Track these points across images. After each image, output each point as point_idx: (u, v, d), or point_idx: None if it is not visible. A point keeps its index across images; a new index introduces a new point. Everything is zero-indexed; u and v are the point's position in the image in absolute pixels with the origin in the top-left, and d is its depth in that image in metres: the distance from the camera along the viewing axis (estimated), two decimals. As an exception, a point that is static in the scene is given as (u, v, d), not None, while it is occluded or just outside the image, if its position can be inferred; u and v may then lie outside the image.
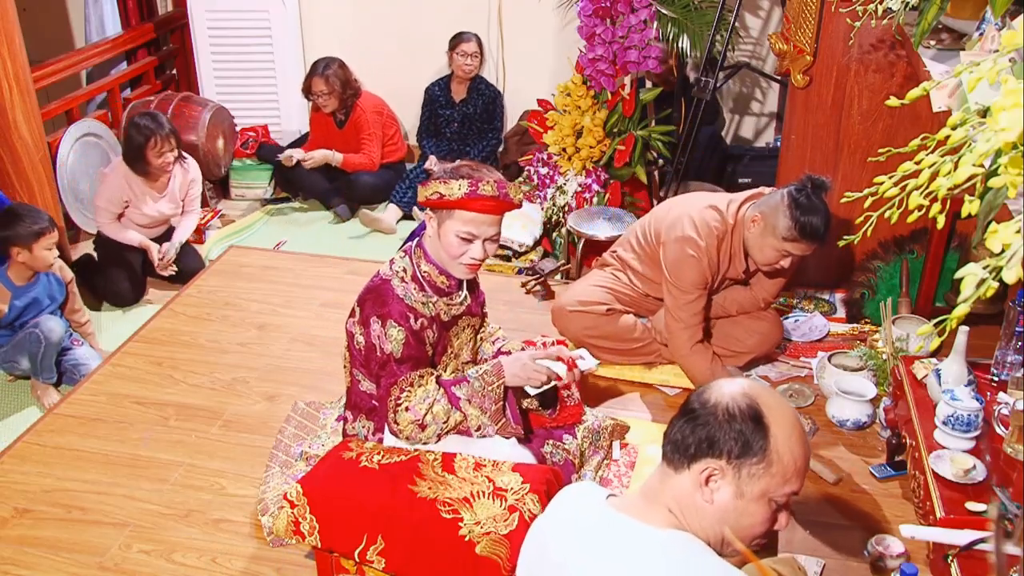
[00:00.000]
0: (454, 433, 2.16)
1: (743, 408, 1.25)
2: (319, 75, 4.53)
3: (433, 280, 2.15)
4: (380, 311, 2.09)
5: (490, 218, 2.07)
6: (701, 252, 2.73)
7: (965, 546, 1.93)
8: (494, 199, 2.03)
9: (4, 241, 3.25)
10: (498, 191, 2.03)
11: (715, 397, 1.28)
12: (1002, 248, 1.04)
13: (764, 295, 2.95)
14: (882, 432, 2.69)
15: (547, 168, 4.17)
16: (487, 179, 2.03)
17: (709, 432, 1.25)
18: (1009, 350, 2.43)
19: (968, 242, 3.15)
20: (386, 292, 2.11)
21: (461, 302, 2.22)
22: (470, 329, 2.32)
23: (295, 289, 3.63)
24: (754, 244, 2.72)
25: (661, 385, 3.00)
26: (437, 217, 2.09)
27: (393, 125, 4.84)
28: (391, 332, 2.07)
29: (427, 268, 2.15)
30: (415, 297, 2.12)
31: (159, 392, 2.97)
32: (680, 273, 2.77)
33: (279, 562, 2.28)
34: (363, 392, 2.19)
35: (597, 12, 3.82)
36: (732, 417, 1.25)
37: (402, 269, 2.15)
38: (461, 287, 2.22)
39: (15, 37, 3.70)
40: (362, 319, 2.12)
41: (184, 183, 4.04)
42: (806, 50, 3.17)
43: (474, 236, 2.07)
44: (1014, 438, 2.18)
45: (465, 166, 2.08)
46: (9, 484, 2.56)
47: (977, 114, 1.21)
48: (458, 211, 2.04)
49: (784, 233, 2.62)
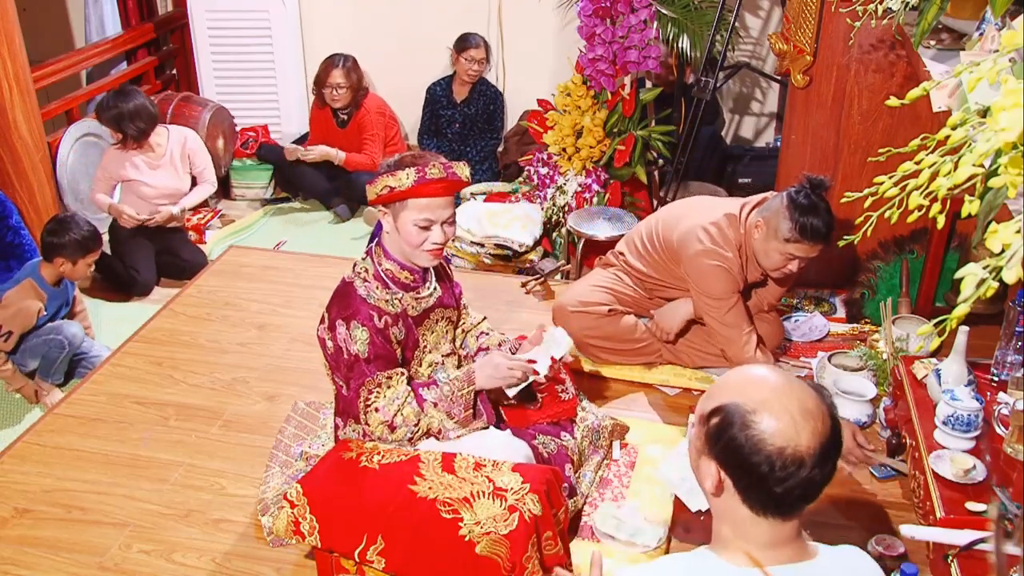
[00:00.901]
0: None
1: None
2: (339, 67, 4.54)
3: (396, 276, 2.16)
4: (344, 313, 2.11)
5: (443, 200, 2.09)
6: (727, 262, 2.72)
7: (965, 546, 1.93)
8: (443, 180, 2.05)
9: (52, 248, 3.29)
10: (445, 172, 2.06)
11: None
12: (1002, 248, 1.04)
13: (768, 298, 2.95)
14: (882, 432, 2.69)
15: (547, 168, 4.17)
16: (432, 162, 2.05)
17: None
18: (1009, 350, 2.43)
19: (968, 242, 3.15)
20: (349, 294, 2.13)
21: (430, 294, 2.23)
22: (445, 321, 2.32)
23: (295, 289, 3.63)
24: (759, 250, 2.72)
25: (661, 385, 2.99)
26: (391, 211, 2.11)
27: (394, 126, 4.84)
28: (355, 333, 2.08)
29: (388, 265, 2.16)
30: (378, 295, 2.13)
31: (159, 392, 2.97)
32: (711, 286, 2.74)
33: (279, 562, 2.28)
34: (347, 397, 2.19)
35: (597, 12, 3.82)
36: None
37: (363, 269, 2.17)
38: (427, 279, 2.23)
39: (15, 37, 3.71)
40: (329, 324, 2.14)
41: (183, 152, 4.10)
42: (806, 50, 3.17)
43: (431, 222, 2.09)
44: (1014, 438, 2.18)
45: (407, 155, 2.10)
46: (9, 484, 2.55)
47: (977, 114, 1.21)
48: (411, 200, 2.06)
49: (786, 235, 2.62)
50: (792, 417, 1.17)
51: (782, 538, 1.23)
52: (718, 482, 1.23)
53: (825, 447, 1.18)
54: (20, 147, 3.81)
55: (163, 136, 4.07)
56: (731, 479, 1.21)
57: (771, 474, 1.17)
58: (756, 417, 1.18)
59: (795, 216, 2.59)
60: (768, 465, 1.16)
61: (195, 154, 4.15)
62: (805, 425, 1.17)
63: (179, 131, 4.16)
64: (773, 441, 1.17)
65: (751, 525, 1.23)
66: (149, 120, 3.93)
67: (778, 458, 1.16)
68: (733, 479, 1.21)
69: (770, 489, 1.18)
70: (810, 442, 1.17)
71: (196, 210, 4.49)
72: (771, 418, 1.17)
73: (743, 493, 1.21)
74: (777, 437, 1.17)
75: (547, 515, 1.98)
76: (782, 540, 1.23)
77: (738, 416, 1.19)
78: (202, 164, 4.18)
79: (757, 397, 1.20)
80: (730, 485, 1.22)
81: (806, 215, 2.59)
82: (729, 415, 1.20)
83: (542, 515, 1.95)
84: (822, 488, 1.20)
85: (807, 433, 1.17)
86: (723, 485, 1.23)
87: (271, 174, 4.87)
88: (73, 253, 3.30)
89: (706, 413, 1.24)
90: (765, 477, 1.17)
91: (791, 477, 1.16)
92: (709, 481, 1.24)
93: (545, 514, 1.97)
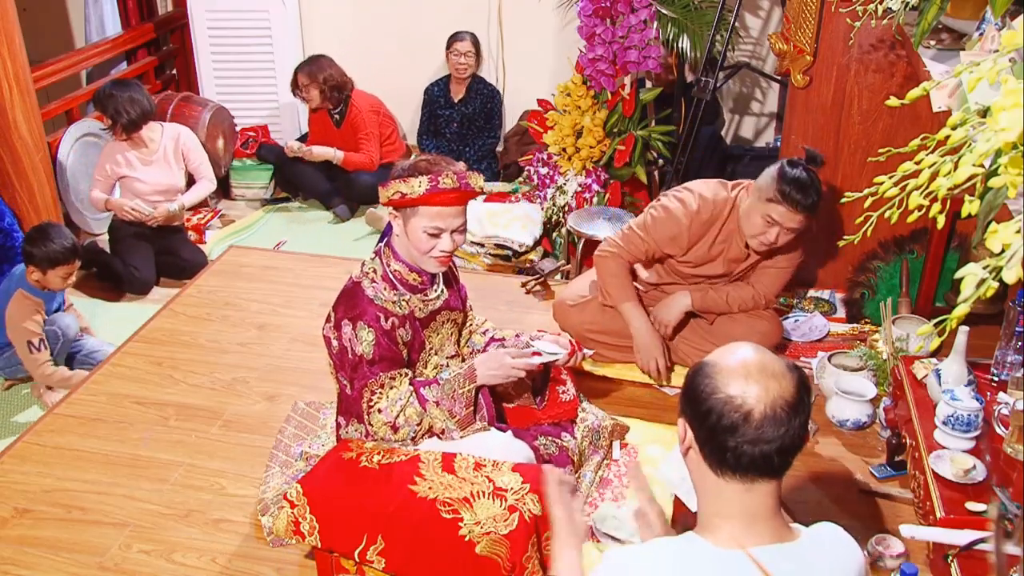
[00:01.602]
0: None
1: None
2: (300, 69, 4.58)
3: (404, 278, 2.15)
4: (351, 313, 2.09)
5: (455, 210, 2.07)
6: (684, 208, 2.77)
7: (965, 546, 1.93)
8: (455, 191, 2.03)
9: (26, 255, 3.28)
10: (459, 182, 2.03)
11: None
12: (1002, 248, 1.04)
13: (764, 291, 2.92)
14: (882, 432, 2.69)
15: (547, 168, 4.17)
16: (446, 171, 2.03)
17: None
18: (1009, 350, 2.43)
19: (968, 242, 3.15)
20: (357, 294, 2.11)
21: (437, 297, 2.22)
22: (451, 324, 2.32)
23: (295, 289, 3.63)
24: (744, 214, 2.74)
25: (661, 385, 2.99)
26: (402, 215, 2.09)
27: (390, 125, 4.84)
28: (361, 334, 2.07)
29: (397, 267, 2.15)
30: (386, 297, 2.12)
31: (159, 392, 2.97)
32: (646, 215, 2.85)
33: (279, 562, 2.28)
34: (351, 397, 2.19)
35: (597, 12, 3.82)
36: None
37: (372, 270, 2.15)
38: (435, 282, 2.22)
39: (15, 37, 3.71)
40: (335, 323, 2.13)
41: (176, 148, 4.10)
42: (806, 50, 3.17)
43: (441, 230, 2.07)
44: (1014, 438, 2.18)
45: (422, 161, 2.07)
46: (9, 484, 2.55)
47: (977, 114, 1.21)
48: (422, 207, 2.04)
49: (769, 195, 2.63)
50: (748, 371, 1.23)
51: (757, 513, 1.25)
52: (684, 438, 1.29)
53: (778, 408, 1.20)
54: (20, 147, 3.80)
55: (157, 132, 4.07)
56: (692, 432, 1.27)
57: (719, 423, 1.21)
58: (716, 369, 1.24)
59: (782, 178, 2.62)
60: (717, 414, 1.21)
61: (189, 151, 4.15)
62: (759, 380, 1.21)
63: (173, 127, 4.16)
64: (724, 389, 1.22)
65: (717, 491, 1.26)
66: (141, 113, 3.92)
67: (726, 406, 1.21)
68: (693, 431, 1.27)
69: (723, 442, 1.22)
70: (760, 395, 1.20)
71: (196, 210, 4.50)
72: (728, 370, 1.24)
73: (702, 448, 1.26)
74: (729, 387, 1.22)
75: (547, 515, 1.97)
76: (759, 515, 1.25)
77: (702, 368, 1.27)
78: (197, 161, 4.18)
79: (725, 357, 1.27)
80: (693, 441, 1.27)
81: (793, 181, 2.61)
82: (696, 368, 1.28)
83: (542, 515, 1.95)
84: (785, 455, 1.23)
85: (758, 387, 1.21)
86: (688, 442, 1.28)
87: (271, 174, 4.87)
88: (43, 264, 3.22)
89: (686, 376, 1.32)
90: (715, 427, 1.22)
91: (738, 429, 1.20)
92: (680, 440, 1.30)
93: (545, 514, 1.96)
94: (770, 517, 1.26)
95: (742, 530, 1.25)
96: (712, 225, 2.79)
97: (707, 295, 2.90)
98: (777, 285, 2.93)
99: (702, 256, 2.86)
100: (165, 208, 4.00)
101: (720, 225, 2.80)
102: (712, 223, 2.79)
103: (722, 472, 1.24)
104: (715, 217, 2.79)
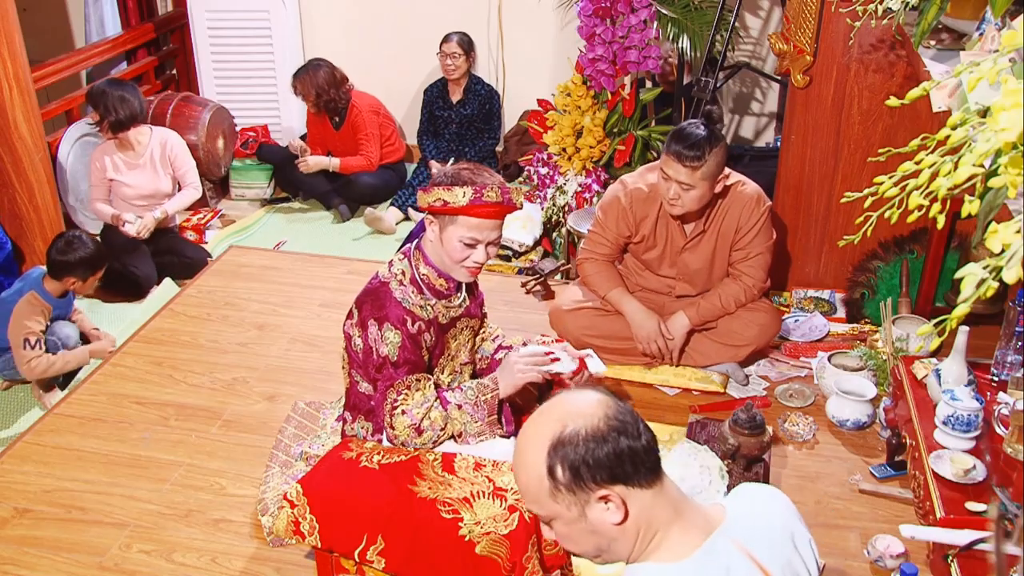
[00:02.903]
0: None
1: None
2: (296, 76, 4.58)
3: (432, 283, 2.15)
4: (378, 314, 2.08)
5: (493, 223, 2.06)
6: (624, 188, 2.89)
7: (965, 546, 1.93)
8: (498, 205, 2.02)
9: (62, 267, 3.29)
10: (502, 197, 2.02)
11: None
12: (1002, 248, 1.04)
13: (751, 280, 2.89)
14: (882, 432, 2.69)
15: (547, 168, 4.17)
16: (490, 184, 2.01)
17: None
18: (1009, 350, 2.43)
19: (968, 242, 3.15)
20: (384, 295, 2.10)
21: (460, 304, 2.22)
22: (468, 330, 2.31)
23: (295, 289, 3.63)
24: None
25: (661, 385, 2.99)
26: (439, 222, 2.07)
27: (390, 125, 4.84)
28: (388, 335, 2.07)
29: (426, 271, 2.14)
30: (413, 300, 2.11)
31: (159, 392, 2.97)
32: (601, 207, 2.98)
33: (279, 562, 2.28)
34: (361, 393, 2.18)
35: (597, 12, 3.82)
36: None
37: (400, 272, 2.14)
38: (460, 289, 2.22)
39: (15, 37, 3.70)
40: (360, 321, 2.11)
41: (163, 153, 4.09)
42: (806, 50, 3.17)
43: (477, 241, 2.05)
44: (1014, 438, 2.18)
45: (466, 170, 2.05)
46: (9, 484, 2.56)
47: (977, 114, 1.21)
48: (462, 217, 2.02)
49: (663, 151, 2.70)
50: (581, 413, 1.21)
51: (684, 505, 1.25)
52: (621, 505, 1.20)
53: (622, 419, 1.21)
54: (20, 147, 3.80)
55: (145, 136, 4.05)
56: (620, 486, 1.20)
57: (616, 445, 1.18)
58: (568, 433, 1.19)
59: (672, 133, 2.68)
60: (612, 443, 1.18)
61: (176, 157, 4.12)
62: (598, 410, 1.21)
63: (162, 132, 4.14)
64: (588, 430, 1.19)
65: (657, 503, 1.22)
66: (129, 115, 3.90)
67: (610, 434, 1.19)
68: (621, 482, 1.20)
69: (633, 455, 1.19)
70: (610, 414, 1.21)
71: (195, 210, 4.49)
72: (574, 424, 1.20)
73: (631, 482, 1.20)
74: (590, 429, 1.19)
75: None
76: (687, 507, 1.25)
77: (560, 447, 1.19)
78: (184, 167, 4.14)
79: (547, 430, 1.21)
80: (625, 491, 1.20)
81: (677, 132, 2.66)
82: (557, 451, 1.20)
83: (542, 515, 1.95)
84: (650, 451, 1.22)
85: (600, 414, 1.21)
86: (625, 503, 1.20)
87: (271, 174, 4.87)
88: (84, 272, 3.32)
89: (546, 475, 1.21)
90: (622, 452, 1.19)
91: (621, 443, 1.19)
92: (616, 514, 1.20)
93: (545, 514, 1.97)
94: (695, 505, 1.27)
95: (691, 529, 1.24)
96: (651, 202, 2.86)
97: (700, 307, 2.91)
98: (760, 270, 2.91)
99: (652, 241, 2.92)
100: (150, 216, 3.96)
101: (660, 201, 2.84)
102: (650, 199, 2.86)
103: (650, 481, 1.21)
104: (653, 194, 2.85)
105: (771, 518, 1.32)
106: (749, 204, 2.82)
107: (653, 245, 2.93)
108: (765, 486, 1.41)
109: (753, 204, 2.82)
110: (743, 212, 2.83)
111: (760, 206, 2.83)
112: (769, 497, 1.37)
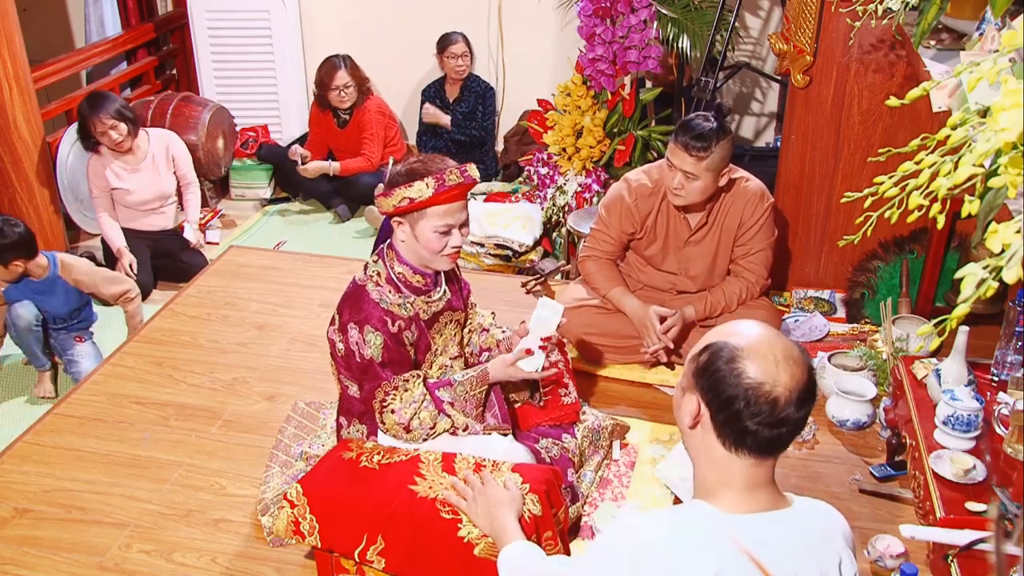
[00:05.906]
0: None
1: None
2: (341, 68, 4.56)
3: (408, 280, 2.15)
4: (356, 317, 2.08)
5: (460, 204, 2.07)
6: (627, 184, 2.89)
7: (965, 546, 1.93)
8: (460, 185, 2.03)
9: (5, 250, 3.24)
10: (463, 176, 2.04)
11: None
12: (1002, 248, 1.04)
13: (754, 277, 2.91)
14: (882, 432, 2.69)
15: (547, 168, 4.17)
16: (447, 168, 2.03)
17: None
18: (1009, 350, 2.43)
19: (968, 242, 3.15)
20: (361, 297, 2.10)
21: (440, 298, 2.22)
22: (454, 324, 2.32)
23: (295, 289, 3.63)
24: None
25: (661, 385, 2.99)
26: (408, 221, 2.07)
27: (394, 126, 4.85)
28: (369, 338, 2.07)
29: (401, 269, 2.14)
30: (391, 300, 2.11)
31: (159, 392, 2.97)
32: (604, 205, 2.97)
33: (279, 562, 2.28)
34: (353, 398, 2.18)
35: (597, 12, 3.82)
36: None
37: (376, 273, 2.14)
38: (438, 283, 2.22)
39: (15, 37, 3.71)
40: (340, 326, 2.12)
41: (166, 155, 4.10)
42: (806, 50, 3.17)
43: (451, 226, 2.07)
44: (1014, 438, 2.18)
45: (417, 162, 2.05)
46: (9, 484, 2.55)
47: (977, 114, 1.21)
48: (430, 209, 2.03)
49: (671, 141, 2.69)
50: (776, 359, 1.25)
51: (758, 481, 1.31)
52: (696, 414, 1.30)
53: (801, 393, 1.26)
54: (20, 147, 3.81)
55: (143, 139, 4.05)
56: (709, 411, 1.29)
57: (747, 408, 1.24)
58: (742, 353, 1.26)
59: (680, 123, 2.69)
60: (744, 400, 1.24)
61: (178, 157, 4.15)
62: (786, 368, 1.25)
63: (159, 133, 4.15)
64: (754, 376, 1.24)
65: (725, 464, 1.30)
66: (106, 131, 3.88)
67: (754, 393, 1.24)
68: (712, 411, 1.28)
69: (744, 424, 1.26)
70: (788, 384, 1.25)
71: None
72: (756, 356, 1.26)
73: (719, 427, 1.28)
74: (759, 374, 1.24)
75: (547, 515, 1.97)
76: (758, 483, 1.31)
77: (726, 351, 1.27)
78: (186, 166, 4.19)
79: (746, 339, 1.28)
80: (707, 419, 1.29)
81: (685, 123, 2.66)
82: (718, 350, 1.28)
83: (542, 515, 1.95)
84: (793, 435, 1.29)
85: (787, 375, 1.25)
86: (700, 418, 1.30)
87: (271, 174, 4.87)
88: (29, 251, 3.26)
89: (697, 352, 1.32)
90: (740, 412, 1.25)
91: (762, 414, 1.24)
92: (688, 415, 1.31)
93: (545, 514, 1.97)
94: (769, 485, 1.32)
95: (744, 497, 1.30)
96: (655, 196, 2.87)
97: (706, 301, 2.92)
98: (761, 267, 2.93)
99: (654, 235, 2.92)
100: (197, 236, 4.15)
101: (662, 196, 2.85)
102: (654, 194, 2.86)
103: (737, 449, 1.28)
104: (656, 189, 2.86)
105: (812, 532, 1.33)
106: (753, 200, 2.84)
107: (655, 239, 2.93)
108: (835, 510, 1.42)
109: (757, 200, 2.83)
110: (746, 208, 2.84)
111: (764, 202, 2.84)
112: (827, 511, 1.40)
